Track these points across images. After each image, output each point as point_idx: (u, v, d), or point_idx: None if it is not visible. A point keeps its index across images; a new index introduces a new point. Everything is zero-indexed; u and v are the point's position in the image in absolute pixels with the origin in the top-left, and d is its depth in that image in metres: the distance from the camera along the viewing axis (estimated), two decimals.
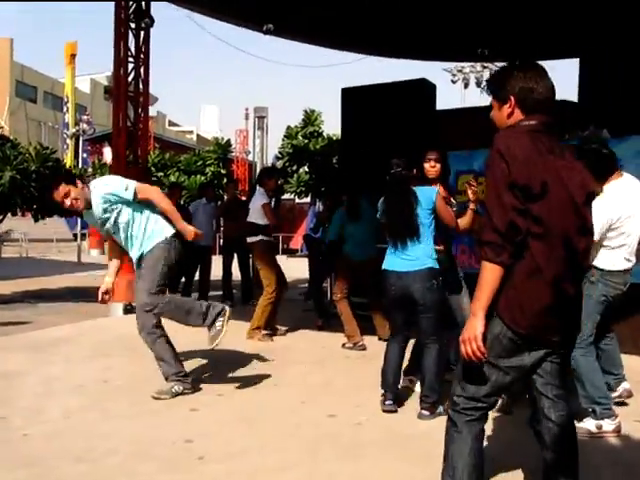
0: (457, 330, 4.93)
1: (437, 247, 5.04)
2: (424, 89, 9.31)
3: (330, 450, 4.11)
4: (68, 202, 5.29)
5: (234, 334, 7.80)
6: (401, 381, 5.23)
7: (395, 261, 4.90)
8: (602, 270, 4.63)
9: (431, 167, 5.33)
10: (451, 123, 8.98)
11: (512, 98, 2.88)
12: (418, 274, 4.81)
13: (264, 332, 7.87)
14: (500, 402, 4.59)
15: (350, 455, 4.02)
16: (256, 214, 7.87)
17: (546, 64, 3.19)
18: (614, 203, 4.59)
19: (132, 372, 6.10)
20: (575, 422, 3.68)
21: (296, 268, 13.02)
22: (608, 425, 4.46)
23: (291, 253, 25.61)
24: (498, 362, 2.83)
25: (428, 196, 4.92)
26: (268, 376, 5.99)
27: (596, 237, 4.35)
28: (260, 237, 7.87)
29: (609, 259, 4.65)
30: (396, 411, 4.92)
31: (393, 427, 4.63)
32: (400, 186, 4.99)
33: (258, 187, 8.10)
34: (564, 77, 12.66)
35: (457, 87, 37.03)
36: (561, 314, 2.81)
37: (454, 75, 36.08)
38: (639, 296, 6.66)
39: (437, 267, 4.89)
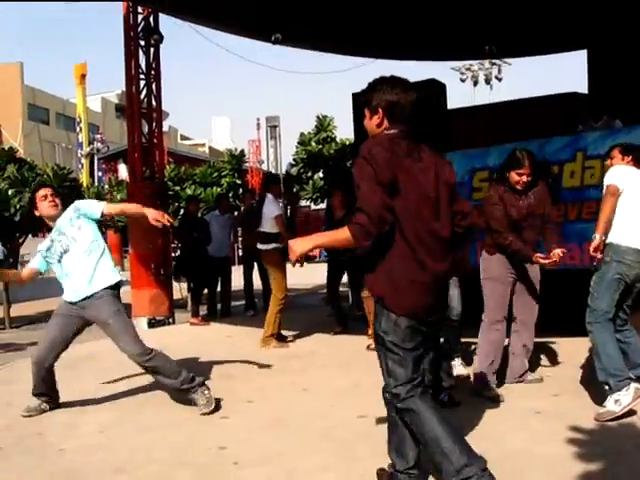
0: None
1: None
2: (434, 89, 9.35)
3: (364, 449, 4.16)
4: (46, 203, 5.30)
5: (258, 342, 7.92)
6: None
7: None
8: (615, 246, 4.68)
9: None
10: (463, 121, 9.03)
11: (380, 110, 3.29)
12: None
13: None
14: None
15: (384, 453, 4.07)
16: (268, 223, 7.93)
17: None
18: (623, 174, 4.77)
19: (161, 385, 6.19)
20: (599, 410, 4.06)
21: (316, 274, 13.07)
22: (625, 396, 4.49)
23: (308, 259, 25.66)
24: (405, 345, 3.28)
25: None
26: (295, 381, 6.06)
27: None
28: (273, 245, 7.94)
29: (623, 234, 4.69)
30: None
31: None
32: None
33: (268, 195, 8.15)
34: (573, 69, 12.70)
35: (466, 85, 37.06)
36: (434, 293, 3.32)
37: (462, 74, 36.08)
38: None
39: None
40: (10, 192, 11.25)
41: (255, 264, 11.00)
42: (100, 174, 37.75)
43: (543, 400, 5.10)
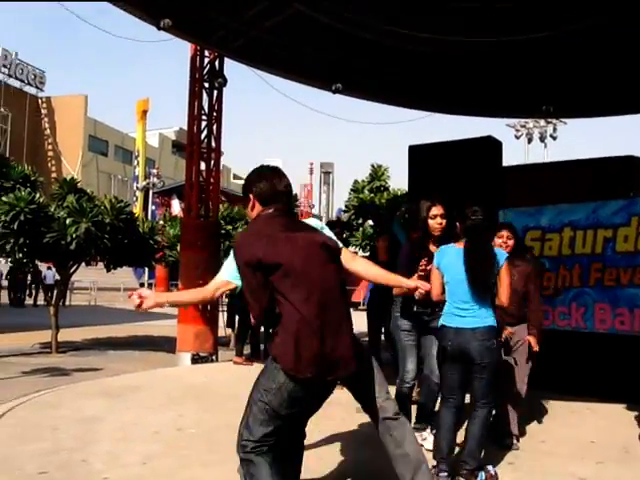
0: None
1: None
2: (490, 146, 9.41)
3: None
4: None
5: None
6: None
7: (454, 317, 4.64)
8: None
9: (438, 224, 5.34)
10: (517, 179, 9.06)
11: (251, 195, 3.65)
12: (477, 332, 4.56)
13: None
14: None
15: None
16: None
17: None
18: None
19: (204, 420, 6.26)
20: None
21: (360, 321, 13.05)
22: None
23: (354, 306, 25.66)
24: (280, 411, 3.38)
25: (500, 257, 4.71)
26: (340, 426, 6.03)
27: None
28: None
29: None
30: None
31: None
32: (484, 236, 4.78)
33: None
34: (630, 131, 12.69)
35: (521, 142, 37.07)
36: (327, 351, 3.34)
37: (517, 130, 36.15)
38: None
39: (496, 326, 4.67)
40: (68, 221, 11.55)
41: None
42: (154, 208, 38.48)
43: (586, 467, 5.04)
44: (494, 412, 5.06)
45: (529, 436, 5.88)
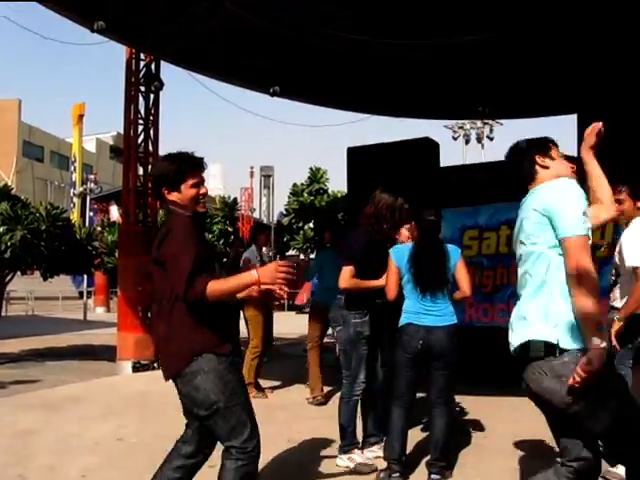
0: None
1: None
2: (428, 147, 9.53)
3: None
4: None
5: None
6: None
7: (421, 315, 4.68)
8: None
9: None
10: (455, 180, 9.19)
11: None
12: (447, 329, 4.66)
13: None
14: None
15: None
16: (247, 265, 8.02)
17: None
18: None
19: (146, 430, 6.16)
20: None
21: (305, 325, 13.05)
22: None
23: (298, 309, 25.60)
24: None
25: (454, 254, 4.84)
26: (282, 432, 6.01)
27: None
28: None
29: None
30: None
31: None
32: (435, 235, 4.88)
33: (253, 244, 8.25)
34: (566, 132, 12.97)
35: (458, 143, 37.60)
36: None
37: (455, 132, 36.66)
38: None
39: (457, 323, 4.78)
40: (2, 229, 11.26)
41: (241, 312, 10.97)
42: (92, 214, 37.78)
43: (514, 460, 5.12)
44: None
45: (473, 432, 5.97)
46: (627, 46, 9.03)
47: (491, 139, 37.31)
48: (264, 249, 9.03)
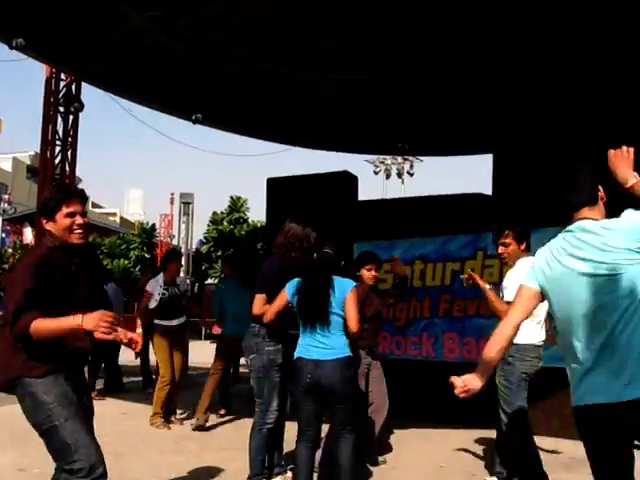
0: None
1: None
2: (346, 180, 9.66)
3: None
4: None
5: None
6: None
7: (310, 349, 4.64)
8: (517, 344, 4.70)
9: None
10: (371, 213, 9.33)
11: None
12: (336, 363, 4.58)
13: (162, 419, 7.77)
14: None
15: None
16: (148, 299, 7.96)
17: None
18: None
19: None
20: None
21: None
22: None
23: (214, 338, 25.27)
24: None
25: (343, 288, 4.72)
26: (190, 462, 5.91)
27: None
28: (155, 321, 7.93)
29: (524, 333, 4.67)
30: None
31: None
32: (324, 267, 4.85)
33: (161, 274, 8.15)
34: (482, 172, 13.32)
35: (379, 178, 38.21)
36: None
37: (376, 166, 37.24)
38: (548, 379, 7.03)
39: (351, 355, 4.70)
40: None
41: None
42: (4, 235, 36.57)
43: None
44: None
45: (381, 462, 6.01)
46: (541, 88, 9.38)
47: (411, 175, 38.07)
48: (180, 278, 8.91)
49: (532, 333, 4.96)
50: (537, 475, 4.76)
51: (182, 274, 20.17)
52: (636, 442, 2.93)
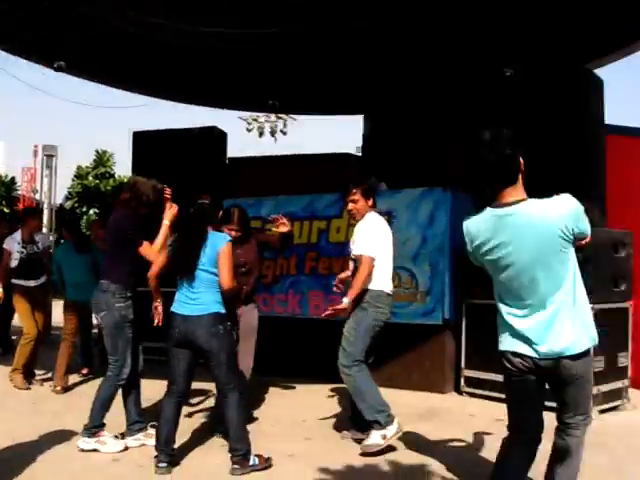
0: None
1: None
2: (215, 137, 9.57)
3: None
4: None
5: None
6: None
7: (181, 304, 4.69)
8: (371, 291, 5.15)
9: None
10: (239, 171, 9.31)
11: None
12: (203, 318, 4.61)
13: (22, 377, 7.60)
14: None
15: None
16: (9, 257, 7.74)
17: None
18: (375, 233, 5.28)
19: None
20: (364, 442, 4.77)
21: None
22: (391, 430, 4.86)
23: None
24: None
25: (215, 243, 4.70)
26: (52, 424, 5.76)
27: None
28: (13, 281, 7.74)
29: (376, 280, 5.18)
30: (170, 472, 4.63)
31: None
32: (198, 220, 4.79)
33: (19, 230, 7.89)
34: (353, 132, 13.46)
35: (252, 135, 37.94)
36: None
37: (249, 124, 36.91)
38: (409, 335, 7.35)
39: (223, 312, 4.69)
40: None
41: None
42: None
43: (296, 443, 5.33)
44: None
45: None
46: (412, 52, 9.53)
47: (284, 133, 38.02)
48: (41, 235, 8.55)
49: (385, 281, 5.24)
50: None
51: (45, 230, 19.38)
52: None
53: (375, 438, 4.91)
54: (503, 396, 6.57)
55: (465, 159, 7.98)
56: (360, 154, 10.81)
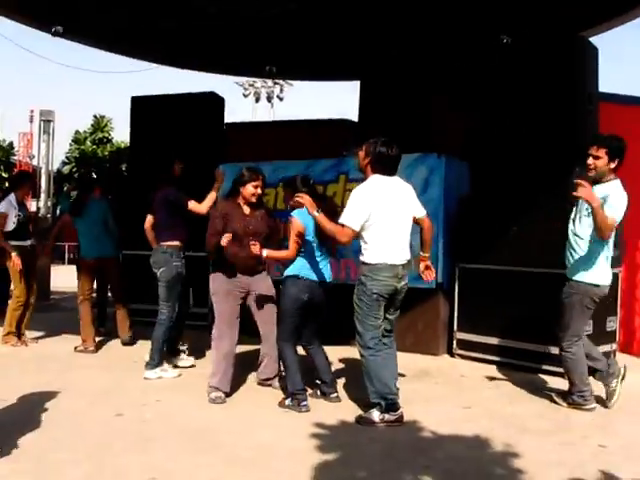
0: None
1: None
2: (212, 102, 9.60)
3: (120, 445, 4.29)
4: None
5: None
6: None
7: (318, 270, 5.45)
8: (369, 264, 4.93)
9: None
10: (237, 136, 9.37)
11: None
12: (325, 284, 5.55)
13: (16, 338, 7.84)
14: None
15: (139, 449, 4.22)
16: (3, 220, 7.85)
17: None
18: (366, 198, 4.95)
19: None
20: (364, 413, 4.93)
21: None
22: (392, 417, 4.91)
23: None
24: None
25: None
26: (52, 382, 5.93)
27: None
28: (11, 242, 7.84)
29: (376, 252, 4.92)
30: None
31: (177, 422, 4.88)
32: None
33: (12, 194, 7.99)
34: (351, 97, 13.50)
35: (249, 101, 37.81)
36: None
37: (246, 89, 36.77)
38: (403, 299, 7.47)
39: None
40: None
41: None
42: None
43: None
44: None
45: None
46: (408, 17, 9.54)
47: (281, 99, 37.89)
48: (32, 201, 8.69)
49: (385, 252, 4.91)
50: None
51: (43, 196, 19.45)
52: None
53: (374, 415, 4.93)
54: (494, 358, 6.93)
55: (464, 130, 8.07)
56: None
